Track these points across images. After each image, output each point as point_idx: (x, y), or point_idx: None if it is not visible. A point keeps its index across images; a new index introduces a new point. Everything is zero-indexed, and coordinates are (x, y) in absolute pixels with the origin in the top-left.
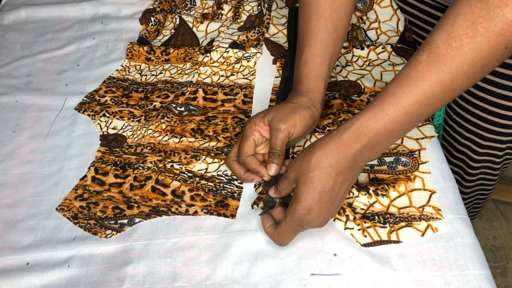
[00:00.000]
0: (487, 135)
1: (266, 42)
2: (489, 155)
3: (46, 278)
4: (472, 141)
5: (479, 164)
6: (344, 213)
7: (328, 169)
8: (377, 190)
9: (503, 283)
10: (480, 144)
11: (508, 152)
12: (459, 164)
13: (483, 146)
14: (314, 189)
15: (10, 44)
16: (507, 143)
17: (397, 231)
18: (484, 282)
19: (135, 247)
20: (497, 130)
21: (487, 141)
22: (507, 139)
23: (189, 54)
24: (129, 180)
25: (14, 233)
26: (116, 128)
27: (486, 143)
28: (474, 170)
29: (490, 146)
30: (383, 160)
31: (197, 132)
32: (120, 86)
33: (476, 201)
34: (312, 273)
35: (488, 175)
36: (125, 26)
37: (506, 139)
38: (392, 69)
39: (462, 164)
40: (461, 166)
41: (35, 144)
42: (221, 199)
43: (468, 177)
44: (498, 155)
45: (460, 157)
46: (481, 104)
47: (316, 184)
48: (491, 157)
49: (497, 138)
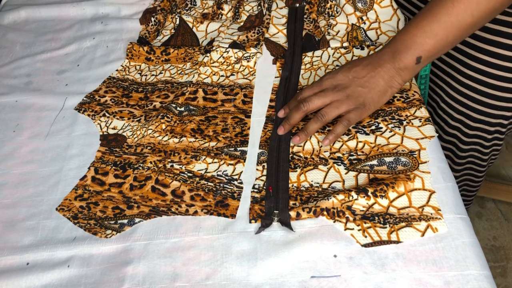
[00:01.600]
0: (477, 116)
1: (266, 42)
2: (479, 137)
3: (46, 278)
4: (462, 122)
5: (469, 146)
6: (343, 216)
7: (357, 60)
8: (375, 191)
9: (503, 283)
10: (470, 126)
11: (497, 137)
12: (449, 147)
13: (472, 127)
14: (343, 65)
15: (10, 44)
16: (496, 125)
17: (397, 231)
18: (484, 282)
19: (135, 247)
20: (486, 110)
21: (477, 123)
22: (496, 122)
23: (189, 54)
24: (129, 180)
25: (14, 233)
26: (116, 128)
27: (476, 125)
28: (464, 153)
29: (479, 128)
30: (383, 160)
31: (197, 132)
32: (120, 86)
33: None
34: (312, 275)
35: (478, 159)
36: (125, 26)
37: (495, 122)
38: None
39: (452, 146)
40: (450, 149)
41: (35, 144)
42: (221, 199)
43: (458, 159)
44: (487, 138)
45: (450, 139)
46: (471, 84)
47: (347, 64)
48: (481, 140)
49: (486, 119)
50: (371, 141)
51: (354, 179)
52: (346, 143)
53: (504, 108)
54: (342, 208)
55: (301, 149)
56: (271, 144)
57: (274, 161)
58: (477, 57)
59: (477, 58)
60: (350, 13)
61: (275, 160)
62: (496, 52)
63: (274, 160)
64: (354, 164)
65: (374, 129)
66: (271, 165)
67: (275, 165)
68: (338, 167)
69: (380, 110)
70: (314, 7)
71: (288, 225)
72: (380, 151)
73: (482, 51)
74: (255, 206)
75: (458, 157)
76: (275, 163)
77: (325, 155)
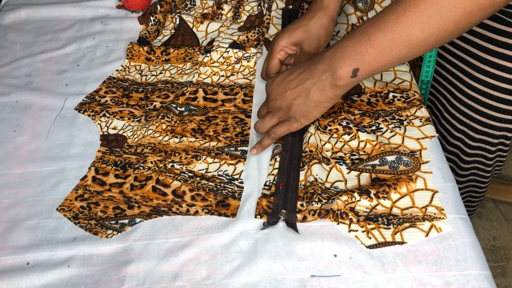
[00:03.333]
0: (480, 128)
1: (266, 42)
2: (482, 149)
3: (46, 278)
4: (465, 133)
5: (471, 158)
6: (347, 217)
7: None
8: (378, 193)
9: (503, 283)
10: (473, 137)
11: (501, 148)
12: (452, 158)
13: (476, 139)
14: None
15: (10, 44)
16: (500, 138)
17: (401, 232)
18: (484, 282)
19: (135, 247)
20: (489, 123)
21: (480, 134)
22: (499, 134)
23: (189, 54)
24: (130, 180)
25: (14, 233)
26: (117, 128)
27: (479, 136)
28: (466, 165)
29: (482, 140)
30: (384, 160)
31: (197, 132)
32: (120, 86)
33: (468, 198)
34: (312, 274)
35: (481, 171)
36: (125, 26)
37: (498, 134)
38: (392, 69)
39: (454, 157)
40: (453, 160)
41: (35, 144)
42: (221, 199)
43: (460, 171)
44: (490, 150)
45: (453, 150)
46: (475, 95)
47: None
48: (484, 152)
49: (490, 132)
50: (373, 139)
51: (356, 179)
52: (348, 143)
53: (508, 121)
54: (345, 210)
55: (307, 144)
56: (285, 139)
57: (287, 155)
58: (481, 68)
59: (481, 69)
60: (351, 13)
61: (288, 156)
62: (500, 64)
63: (287, 155)
64: (356, 164)
65: (375, 130)
66: (283, 161)
67: (288, 160)
68: (340, 166)
69: (380, 110)
70: None
71: (294, 227)
72: (382, 150)
73: (487, 62)
74: (263, 201)
75: (460, 169)
76: (288, 158)
77: (327, 155)
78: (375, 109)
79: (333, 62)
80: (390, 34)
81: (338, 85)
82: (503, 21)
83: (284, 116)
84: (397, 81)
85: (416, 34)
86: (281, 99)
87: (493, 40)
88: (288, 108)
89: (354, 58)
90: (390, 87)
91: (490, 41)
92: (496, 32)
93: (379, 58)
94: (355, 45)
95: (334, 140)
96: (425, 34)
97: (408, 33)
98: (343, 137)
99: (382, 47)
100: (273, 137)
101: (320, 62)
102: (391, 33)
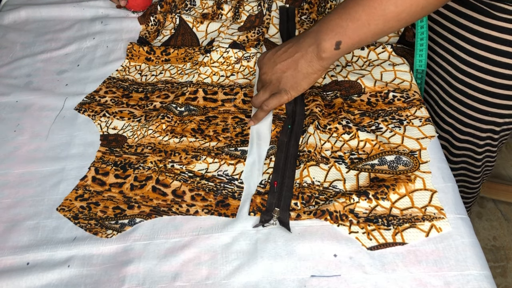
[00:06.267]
0: (467, 121)
1: (266, 42)
2: (470, 143)
3: (46, 278)
4: (453, 126)
5: (460, 151)
6: (347, 219)
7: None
8: (376, 194)
9: (503, 283)
10: (461, 130)
11: (489, 143)
12: None
13: (463, 132)
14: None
15: (10, 44)
16: (487, 132)
17: (401, 232)
18: (484, 282)
19: (136, 247)
20: (476, 116)
21: (467, 127)
22: (487, 128)
23: (189, 54)
24: (130, 180)
25: (14, 233)
26: (117, 128)
27: (467, 129)
28: (456, 158)
29: (470, 133)
30: (384, 159)
31: (197, 132)
32: (120, 86)
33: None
34: (312, 274)
35: (471, 165)
36: (125, 26)
37: (486, 128)
38: (392, 69)
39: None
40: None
41: (35, 144)
42: (221, 199)
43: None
44: (479, 144)
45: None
46: (461, 87)
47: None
48: (473, 146)
49: (477, 125)
50: (372, 139)
51: (355, 178)
52: (347, 142)
53: (495, 114)
54: (345, 212)
55: (305, 144)
56: (281, 139)
57: (282, 156)
58: (467, 60)
59: (467, 61)
60: None
61: (283, 156)
62: (484, 56)
63: (282, 155)
64: (355, 163)
65: (375, 129)
66: (279, 159)
67: (283, 160)
68: (339, 165)
69: (380, 110)
70: (314, 7)
71: (286, 225)
72: (381, 149)
73: (471, 54)
74: (257, 199)
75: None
76: (283, 159)
77: (327, 154)
78: (375, 109)
79: (318, 35)
80: (368, 9)
81: (323, 57)
82: (487, 13)
83: (275, 89)
84: (397, 81)
85: (390, 8)
86: (271, 72)
87: (477, 32)
88: (278, 81)
89: (337, 32)
90: (390, 87)
91: (475, 33)
92: (480, 24)
93: (359, 32)
94: (338, 20)
95: (333, 139)
96: (399, 9)
97: (383, 7)
98: (342, 136)
99: (361, 21)
100: (265, 109)
101: (308, 36)
102: (369, 8)
